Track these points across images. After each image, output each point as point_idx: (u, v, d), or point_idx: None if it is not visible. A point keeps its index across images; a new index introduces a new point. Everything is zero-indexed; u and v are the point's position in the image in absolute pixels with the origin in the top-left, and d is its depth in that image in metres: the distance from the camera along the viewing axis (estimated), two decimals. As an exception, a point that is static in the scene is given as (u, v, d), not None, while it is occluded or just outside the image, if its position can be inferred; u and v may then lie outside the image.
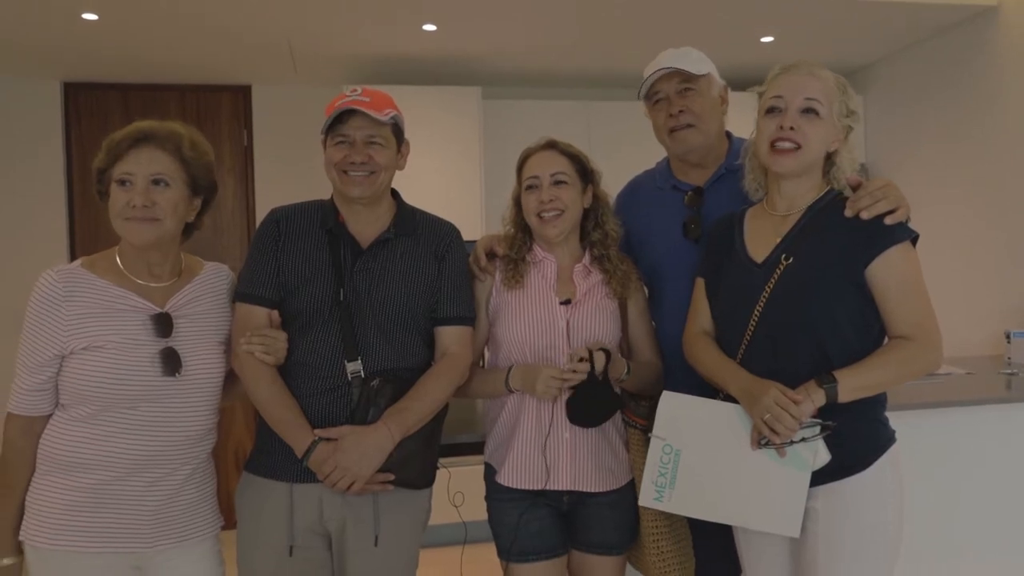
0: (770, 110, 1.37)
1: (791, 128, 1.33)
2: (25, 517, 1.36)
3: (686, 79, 1.64)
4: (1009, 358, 2.75)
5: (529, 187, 1.58)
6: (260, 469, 1.48)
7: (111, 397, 1.32)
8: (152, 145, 1.35)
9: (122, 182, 1.34)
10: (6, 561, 1.34)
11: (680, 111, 1.64)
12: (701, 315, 1.50)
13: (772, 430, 1.28)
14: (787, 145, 1.34)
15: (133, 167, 1.34)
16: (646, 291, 1.70)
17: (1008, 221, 3.08)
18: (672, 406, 1.41)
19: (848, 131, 1.40)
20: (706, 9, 2.96)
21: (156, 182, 1.35)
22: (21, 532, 1.35)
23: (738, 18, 3.08)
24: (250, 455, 1.52)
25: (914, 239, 1.35)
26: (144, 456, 1.34)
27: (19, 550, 1.36)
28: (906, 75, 3.61)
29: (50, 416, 1.37)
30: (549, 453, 1.53)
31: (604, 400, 1.50)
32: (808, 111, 1.34)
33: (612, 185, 1.75)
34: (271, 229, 1.51)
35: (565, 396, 1.50)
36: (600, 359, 1.47)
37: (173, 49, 3.23)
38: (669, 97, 1.66)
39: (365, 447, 1.38)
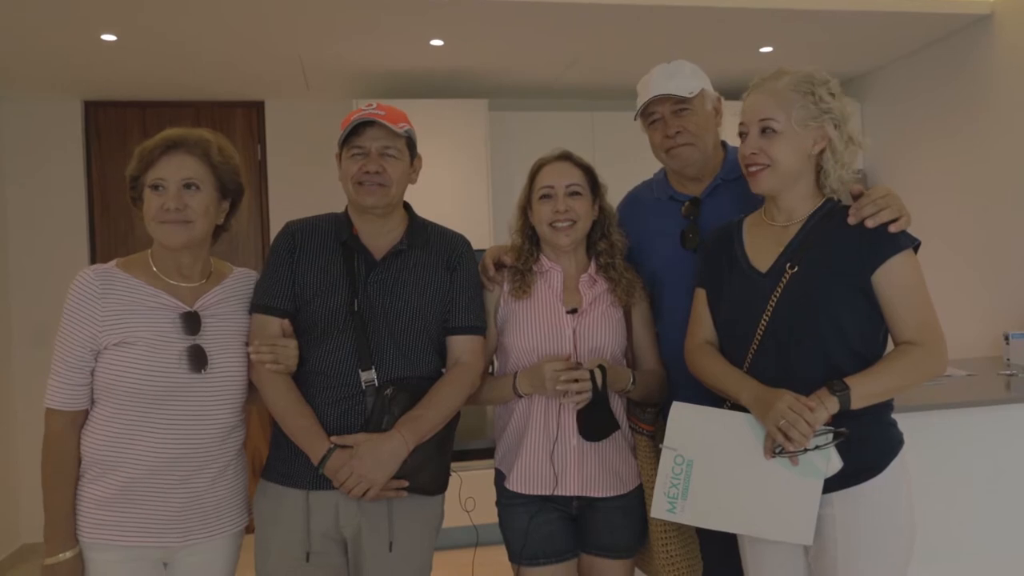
0: (740, 135, 1.41)
1: (753, 153, 1.37)
2: None
3: (679, 100, 1.66)
4: (1008, 359, 2.76)
5: (544, 196, 1.60)
6: (277, 476, 1.50)
7: (140, 392, 1.35)
8: (182, 151, 1.40)
9: (156, 187, 1.39)
10: (67, 554, 1.34)
11: (677, 132, 1.66)
12: (703, 325, 1.49)
13: (787, 437, 1.27)
14: (754, 168, 1.38)
15: (165, 172, 1.39)
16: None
17: (1004, 224, 3.08)
18: (682, 417, 1.38)
19: (828, 127, 1.35)
20: (706, 21, 2.98)
21: (187, 186, 1.40)
22: None
23: (737, 30, 3.09)
24: (266, 463, 1.54)
25: (916, 246, 1.35)
26: (172, 453, 1.37)
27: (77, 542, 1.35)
28: (903, 83, 3.62)
29: (88, 412, 1.39)
30: (557, 459, 1.55)
31: (604, 418, 1.52)
32: (765, 131, 1.36)
33: (617, 194, 1.76)
34: (286, 242, 1.54)
35: (575, 410, 1.52)
36: (598, 376, 1.48)
37: (188, 67, 3.29)
38: (664, 118, 1.67)
39: (380, 454, 1.40)
